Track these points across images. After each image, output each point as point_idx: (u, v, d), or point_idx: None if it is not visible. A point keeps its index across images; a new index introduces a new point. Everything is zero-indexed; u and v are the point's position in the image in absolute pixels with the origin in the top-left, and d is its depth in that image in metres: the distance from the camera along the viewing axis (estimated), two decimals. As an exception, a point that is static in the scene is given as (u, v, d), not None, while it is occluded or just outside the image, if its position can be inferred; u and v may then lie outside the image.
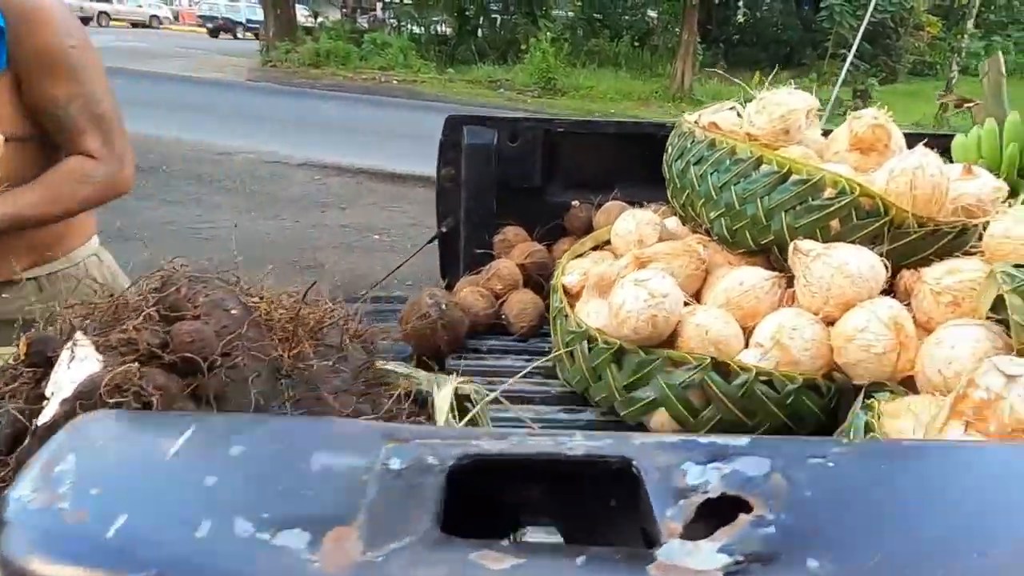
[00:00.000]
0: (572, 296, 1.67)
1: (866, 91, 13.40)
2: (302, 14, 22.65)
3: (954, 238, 1.41)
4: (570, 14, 20.08)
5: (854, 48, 11.62)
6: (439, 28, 20.81)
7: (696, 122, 1.73)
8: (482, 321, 1.92)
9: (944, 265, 1.32)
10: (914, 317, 1.35)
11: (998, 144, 1.72)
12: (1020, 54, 20.72)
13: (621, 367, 1.44)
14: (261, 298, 0.88)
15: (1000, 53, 1.89)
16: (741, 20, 21.83)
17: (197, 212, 5.92)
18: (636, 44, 19.40)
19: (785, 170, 1.46)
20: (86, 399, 0.67)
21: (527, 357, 1.82)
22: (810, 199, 1.42)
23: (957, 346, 1.16)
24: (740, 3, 21.32)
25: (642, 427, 1.45)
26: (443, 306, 1.75)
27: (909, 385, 1.26)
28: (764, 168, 1.49)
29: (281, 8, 18.59)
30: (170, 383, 0.74)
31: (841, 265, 1.31)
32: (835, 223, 1.42)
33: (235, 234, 5.38)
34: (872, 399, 1.18)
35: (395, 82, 16.08)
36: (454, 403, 0.79)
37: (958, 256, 1.36)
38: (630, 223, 1.80)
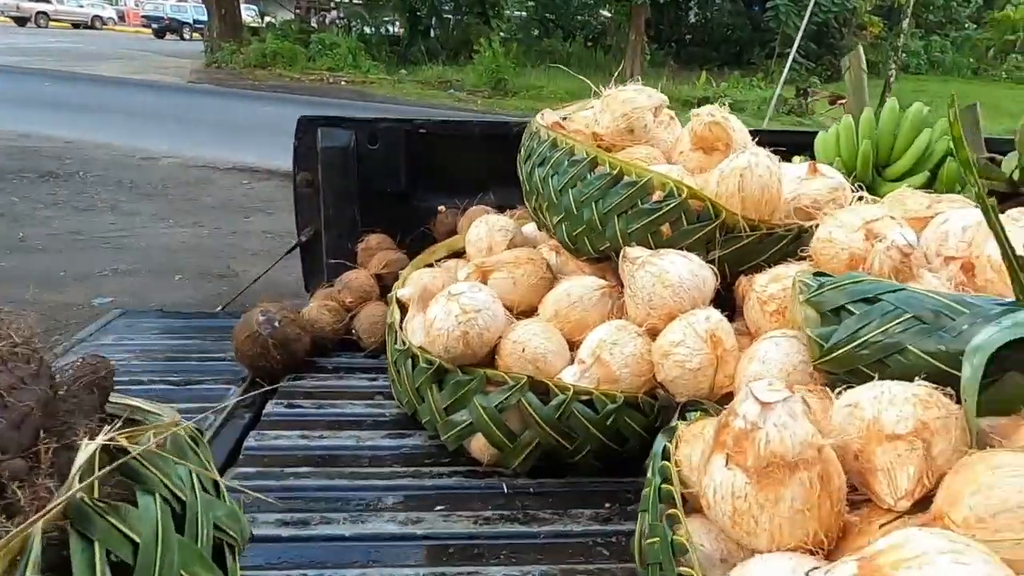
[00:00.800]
0: (407, 310, 1.55)
1: (807, 90, 13.59)
2: (250, 15, 22.10)
3: (790, 242, 1.33)
4: (523, 14, 19.97)
5: (795, 47, 11.74)
6: (390, 28, 20.52)
7: (542, 121, 1.63)
8: (330, 337, 1.79)
9: (771, 272, 1.23)
10: (746, 327, 1.27)
11: (855, 140, 1.66)
12: (957, 53, 21.42)
13: (442, 388, 1.33)
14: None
15: (861, 48, 1.83)
16: (692, 20, 22.00)
17: (111, 220, 5.63)
18: (589, 44, 19.41)
19: (617, 172, 1.36)
20: None
21: (373, 376, 1.70)
22: (639, 202, 1.33)
23: (768, 361, 1.08)
24: (692, 3, 21.49)
25: (464, 452, 1.34)
26: (276, 323, 1.62)
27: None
28: (599, 170, 1.39)
29: (226, 8, 18.05)
30: None
31: (661, 273, 1.22)
32: (666, 228, 1.33)
33: (146, 242, 5.12)
34: (683, 420, 1.09)
35: (344, 83, 15.76)
36: (97, 458, 0.66)
37: (790, 261, 1.28)
38: (481, 229, 1.70)
